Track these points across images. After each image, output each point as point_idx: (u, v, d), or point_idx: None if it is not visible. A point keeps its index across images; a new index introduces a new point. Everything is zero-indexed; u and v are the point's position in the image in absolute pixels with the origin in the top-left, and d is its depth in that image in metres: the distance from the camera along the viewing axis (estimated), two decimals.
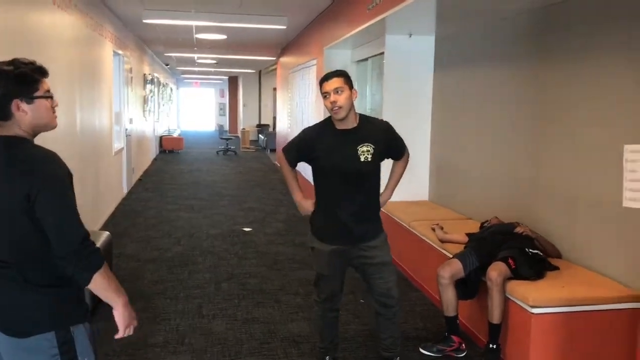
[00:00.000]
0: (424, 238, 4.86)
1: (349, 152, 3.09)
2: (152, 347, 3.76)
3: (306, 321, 4.26)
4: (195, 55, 15.56)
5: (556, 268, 3.67)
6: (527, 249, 3.69)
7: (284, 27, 8.61)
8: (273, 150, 17.58)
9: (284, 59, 13.20)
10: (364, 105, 7.60)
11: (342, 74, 3.09)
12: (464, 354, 3.73)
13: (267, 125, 22.57)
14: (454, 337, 3.75)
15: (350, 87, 3.08)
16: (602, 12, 3.61)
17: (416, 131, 6.17)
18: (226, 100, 29.69)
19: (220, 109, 31.76)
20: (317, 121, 3.43)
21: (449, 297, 3.73)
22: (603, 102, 3.60)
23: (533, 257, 3.64)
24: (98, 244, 2.55)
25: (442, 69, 5.99)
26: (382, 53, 6.43)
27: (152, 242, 6.52)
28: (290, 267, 5.63)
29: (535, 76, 4.34)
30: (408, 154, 3.41)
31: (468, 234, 4.31)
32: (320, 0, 7.33)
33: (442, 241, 4.46)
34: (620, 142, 3.36)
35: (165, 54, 15.61)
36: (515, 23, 4.57)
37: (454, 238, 4.39)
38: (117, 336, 2.00)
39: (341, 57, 7.71)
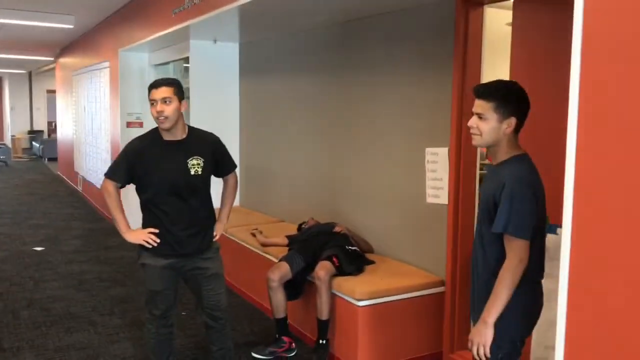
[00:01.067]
0: (243, 244, 4.90)
1: (178, 165, 3.02)
2: None
3: (129, 341, 4.02)
4: None
5: (372, 262, 4.00)
6: (346, 247, 3.96)
7: (71, 26, 7.95)
8: (53, 160, 16.05)
9: (65, 60, 12.15)
10: None
11: (172, 83, 3.00)
12: (294, 353, 3.86)
13: (42, 132, 20.51)
14: (285, 338, 3.86)
15: (181, 98, 3.01)
16: (396, 29, 4.03)
17: (225, 137, 6.10)
18: None
19: None
20: (112, 127, 3.26)
21: (278, 300, 3.83)
22: (401, 108, 4.02)
23: (353, 254, 3.92)
24: None
25: (247, 75, 6.10)
26: (185, 57, 6.33)
27: None
28: (100, 286, 5.23)
29: (338, 84, 4.68)
30: (236, 174, 3.39)
31: (288, 236, 4.47)
32: (110, 1, 6.92)
33: (264, 245, 4.55)
34: (421, 144, 3.82)
35: None
36: (317, 35, 4.86)
37: (275, 241, 4.51)
38: None
39: (138, 60, 7.39)
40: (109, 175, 3.11)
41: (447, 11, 3.55)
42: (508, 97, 2.19)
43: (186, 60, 6.42)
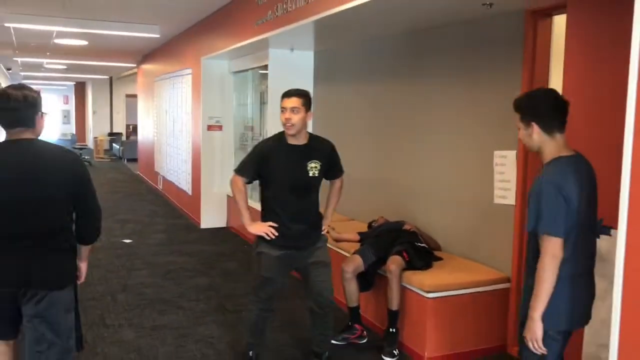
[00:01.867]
0: None
1: (299, 167, 3.38)
2: None
3: (214, 324, 4.42)
4: (45, 60, 14.63)
5: (440, 259, 4.24)
6: (416, 243, 4.22)
7: (157, 35, 8.57)
8: (131, 160, 17.03)
9: (147, 66, 12.94)
10: (245, 114, 7.84)
11: (302, 95, 3.34)
12: (365, 340, 4.15)
13: (120, 134, 21.71)
14: (357, 326, 4.15)
15: (308, 108, 3.35)
16: (468, 38, 4.25)
17: None
18: (71, 107, 27.98)
19: (65, 116, 29.77)
20: (194, 130, 3.61)
21: (352, 290, 4.13)
22: (470, 113, 4.24)
23: (422, 250, 4.18)
24: None
25: (321, 81, 6.45)
26: (262, 65, 6.74)
27: None
28: (185, 275, 5.70)
29: (408, 90, 4.94)
30: (342, 179, 3.70)
31: (360, 233, 4.76)
32: (195, 11, 7.45)
33: (337, 240, 4.86)
34: (489, 148, 4.03)
35: (14, 58, 14.48)
36: (388, 43, 5.14)
37: (347, 237, 4.81)
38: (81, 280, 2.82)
39: (219, 67, 7.89)
40: (238, 171, 3.48)
41: (517, 22, 3.76)
42: (522, 106, 2.46)
43: (262, 67, 6.84)
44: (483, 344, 3.94)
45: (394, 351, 3.89)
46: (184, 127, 9.10)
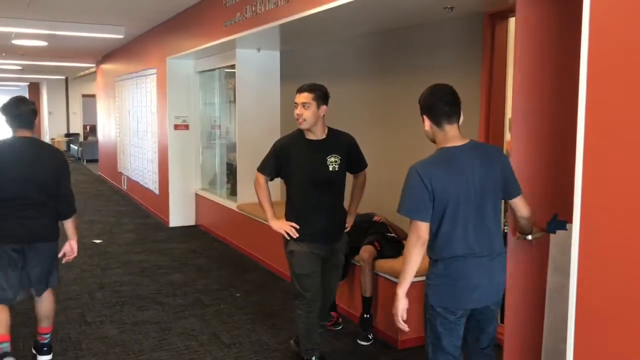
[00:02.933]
0: None
1: (319, 162, 3.41)
2: (53, 357, 3.79)
3: (194, 317, 4.56)
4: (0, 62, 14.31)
5: None
6: (386, 234, 4.46)
7: (121, 36, 8.58)
8: (91, 161, 16.82)
9: (108, 66, 12.84)
10: (212, 113, 7.94)
11: (313, 90, 3.37)
12: (341, 326, 4.37)
13: (77, 135, 21.37)
14: (332, 313, 4.36)
15: (320, 103, 3.36)
16: (431, 38, 4.52)
17: (267, 138, 6.68)
18: None
19: None
20: (160, 130, 3.69)
21: None
22: None
23: (392, 240, 4.42)
24: None
25: (288, 80, 6.63)
26: (230, 65, 6.88)
27: None
28: (159, 273, 5.81)
29: (375, 88, 5.18)
30: (365, 172, 3.71)
31: None
32: (160, 12, 7.50)
33: None
34: None
35: None
36: (354, 44, 5.37)
37: None
38: (69, 258, 3.74)
39: (185, 67, 7.97)
40: (260, 169, 3.54)
41: (476, 24, 4.04)
42: (419, 103, 2.65)
43: (229, 66, 6.98)
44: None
45: (369, 336, 4.12)
46: (149, 127, 9.13)
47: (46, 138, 22.74)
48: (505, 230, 2.87)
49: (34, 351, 3.77)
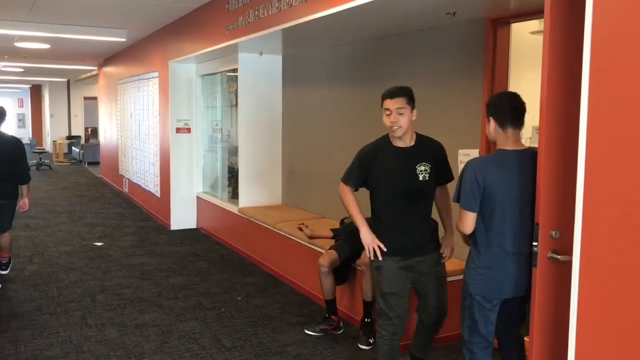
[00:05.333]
0: (290, 237, 5.44)
1: (408, 171, 3.14)
2: (54, 359, 3.81)
3: (195, 320, 4.57)
4: (2, 64, 14.35)
5: None
6: None
7: (124, 39, 8.60)
8: (92, 164, 16.85)
9: (109, 69, 12.87)
10: (214, 117, 7.97)
11: (406, 94, 3.10)
12: (342, 330, 4.37)
13: (79, 137, 21.40)
14: (334, 317, 4.37)
15: (413, 107, 3.12)
16: (433, 43, 4.53)
17: (269, 141, 6.76)
18: (26, 110, 27.34)
19: (20, 119, 29.05)
20: (162, 133, 3.52)
21: (328, 283, 4.34)
22: (435, 114, 4.51)
23: None
24: None
25: (289, 84, 6.65)
26: (232, 69, 6.90)
27: None
28: (160, 275, 5.81)
29: (373, 93, 5.15)
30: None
31: (333, 230, 4.98)
32: (162, 16, 7.53)
33: (311, 237, 5.06)
34: (453, 146, 4.30)
35: None
36: (355, 48, 5.38)
37: (321, 234, 5.01)
38: (23, 210, 5.61)
39: (186, 71, 8.00)
40: (345, 180, 3.31)
41: (478, 29, 4.05)
42: (488, 104, 2.88)
43: (231, 70, 7.00)
44: (455, 330, 4.20)
45: (370, 339, 4.12)
46: (151, 130, 9.15)
47: (48, 140, 22.83)
48: None
49: None
